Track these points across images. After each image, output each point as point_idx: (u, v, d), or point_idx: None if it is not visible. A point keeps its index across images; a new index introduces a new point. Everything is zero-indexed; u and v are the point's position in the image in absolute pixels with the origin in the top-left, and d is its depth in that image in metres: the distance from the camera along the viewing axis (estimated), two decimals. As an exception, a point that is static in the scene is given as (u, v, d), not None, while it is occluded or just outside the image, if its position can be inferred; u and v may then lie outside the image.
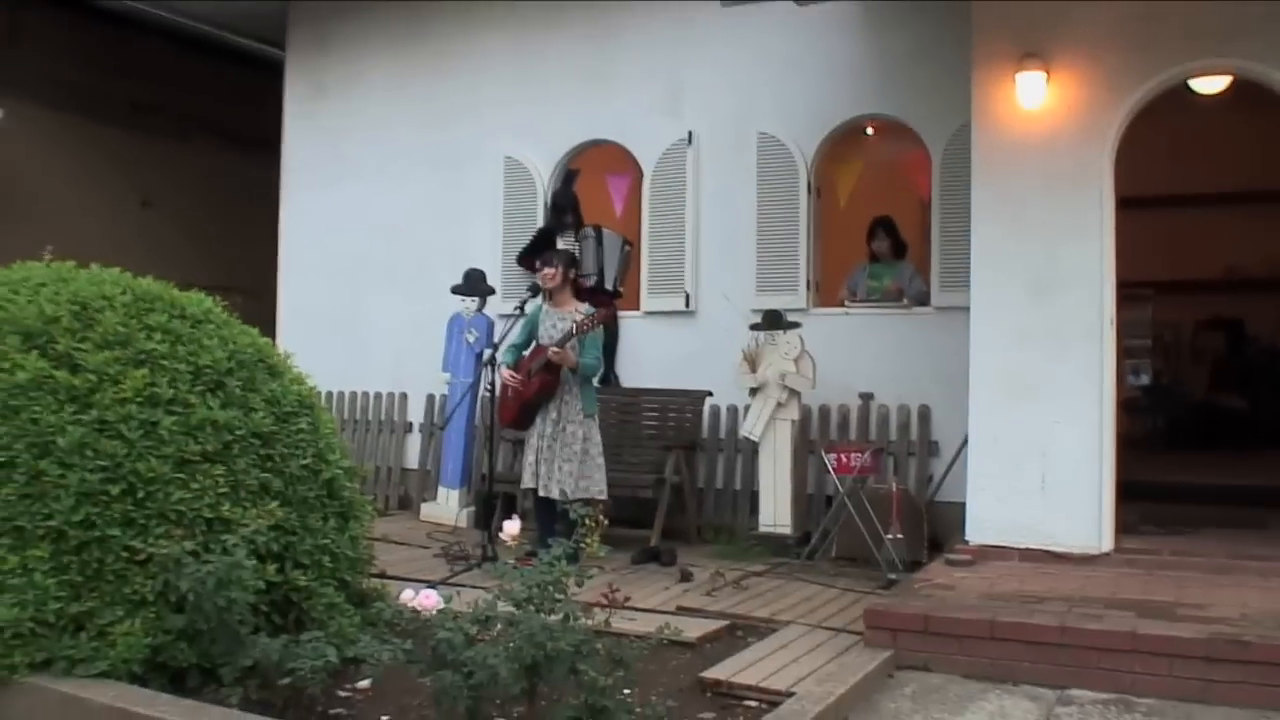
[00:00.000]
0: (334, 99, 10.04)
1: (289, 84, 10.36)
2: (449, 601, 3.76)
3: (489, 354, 7.18)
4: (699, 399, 7.89)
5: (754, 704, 4.18)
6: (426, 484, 9.06)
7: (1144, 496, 7.13)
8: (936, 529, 6.95)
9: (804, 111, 8.02)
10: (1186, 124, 8.83)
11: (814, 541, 6.95)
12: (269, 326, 9.07)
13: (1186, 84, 6.39)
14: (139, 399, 4.32)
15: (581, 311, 6.88)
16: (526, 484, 6.88)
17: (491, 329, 8.33)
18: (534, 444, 6.83)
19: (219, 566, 3.90)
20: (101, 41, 10.95)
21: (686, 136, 8.39)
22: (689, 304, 8.33)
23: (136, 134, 11.52)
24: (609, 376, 8.32)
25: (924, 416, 7.49)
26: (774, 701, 4.08)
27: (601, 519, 3.96)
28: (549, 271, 6.96)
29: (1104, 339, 5.83)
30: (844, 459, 6.77)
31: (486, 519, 7.27)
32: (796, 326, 7.29)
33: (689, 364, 8.08)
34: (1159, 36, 5.77)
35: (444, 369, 8.65)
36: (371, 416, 9.59)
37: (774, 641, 5.00)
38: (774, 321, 7.31)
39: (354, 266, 9.71)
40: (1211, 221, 10.66)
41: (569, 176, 9.00)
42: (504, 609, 3.61)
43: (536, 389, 6.81)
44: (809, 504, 7.49)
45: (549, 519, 6.63)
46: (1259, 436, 9.75)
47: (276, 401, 4.80)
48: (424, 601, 3.65)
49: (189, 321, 4.80)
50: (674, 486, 7.49)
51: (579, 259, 8.06)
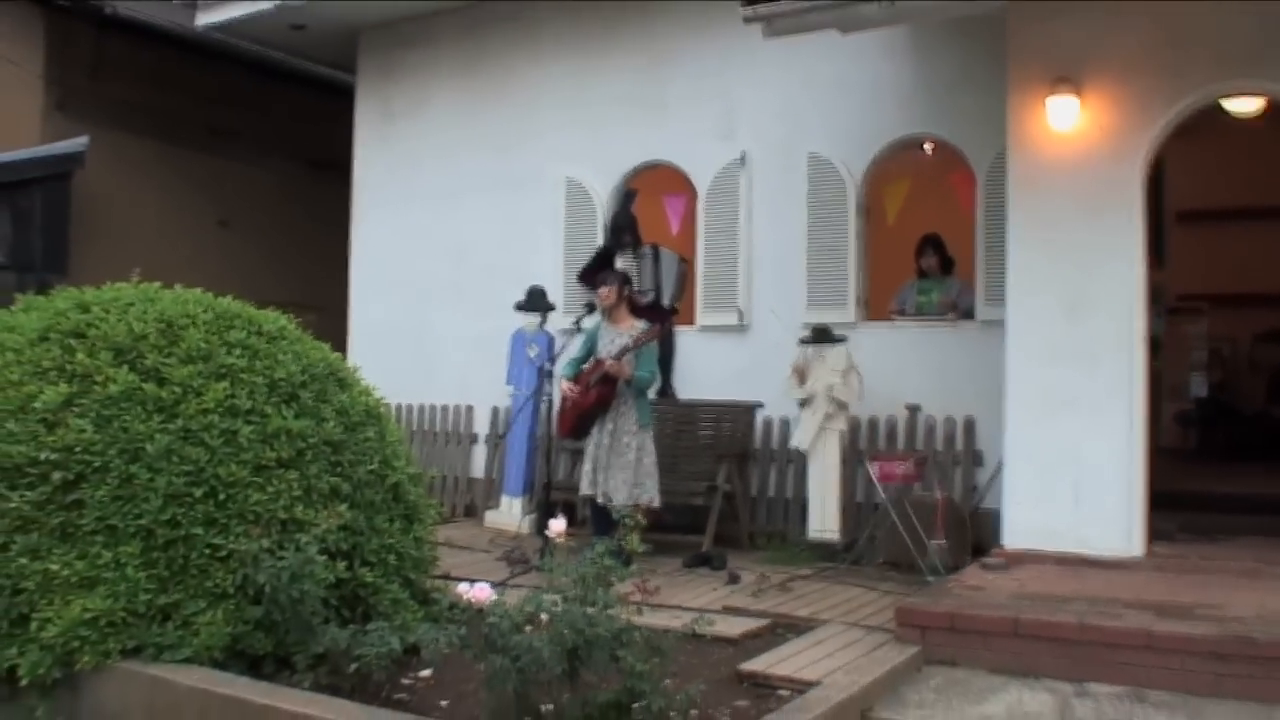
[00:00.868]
0: (402, 123, 10.51)
1: (359, 109, 10.86)
2: (502, 595, 4.10)
3: (550, 368, 7.54)
4: (751, 410, 8.18)
5: (786, 693, 4.47)
6: (491, 492, 9.44)
7: (1190, 506, 7.30)
8: (980, 536, 7.14)
9: (852, 132, 8.27)
10: (1242, 138, 8.93)
11: (859, 547, 7.19)
12: (340, 342, 9.52)
13: (1220, 105, 6.56)
14: (220, 409, 4.73)
15: (638, 328, 7.23)
16: (584, 491, 7.22)
17: (552, 344, 8.69)
18: (591, 453, 7.18)
19: (293, 562, 4.29)
20: (180, 68, 11.53)
21: (739, 158, 8.70)
22: (742, 319, 8.62)
23: (214, 157, 12.10)
24: (666, 389, 8.63)
25: (969, 427, 7.69)
26: (804, 690, 4.36)
27: (641, 519, 4.28)
28: (605, 291, 7.31)
29: (1134, 354, 6.04)
30: (887, 468, 7.02)
31: (546, 526, 7.60)
32: (844, 341, 7.54)
33: (742, 377, 8.36)
34: (1187, 60, 5.97)
35: (508, 383, 9.03)
36: (439, 428, 10.00)
37: (811, 638, 5.27)
38: (822, 336, 7.58)
39: (422, 284, 10.14)
40: (1270, 234, 10.68)
41: (627, 197, 9.34)
42: (549, 600, 3.93)
43: (594, 401, 7.15)
44: (857, 512, 7.72)
45: (605, 525, 6.95)
46: (1313, 447, 9.79)
47: (346, 412, 5.19)
48: (478, 594, 3.99)
49: (265, 338, 5.21)
50: (726, 494, 7.78)
51: (636, 277, 8.41)
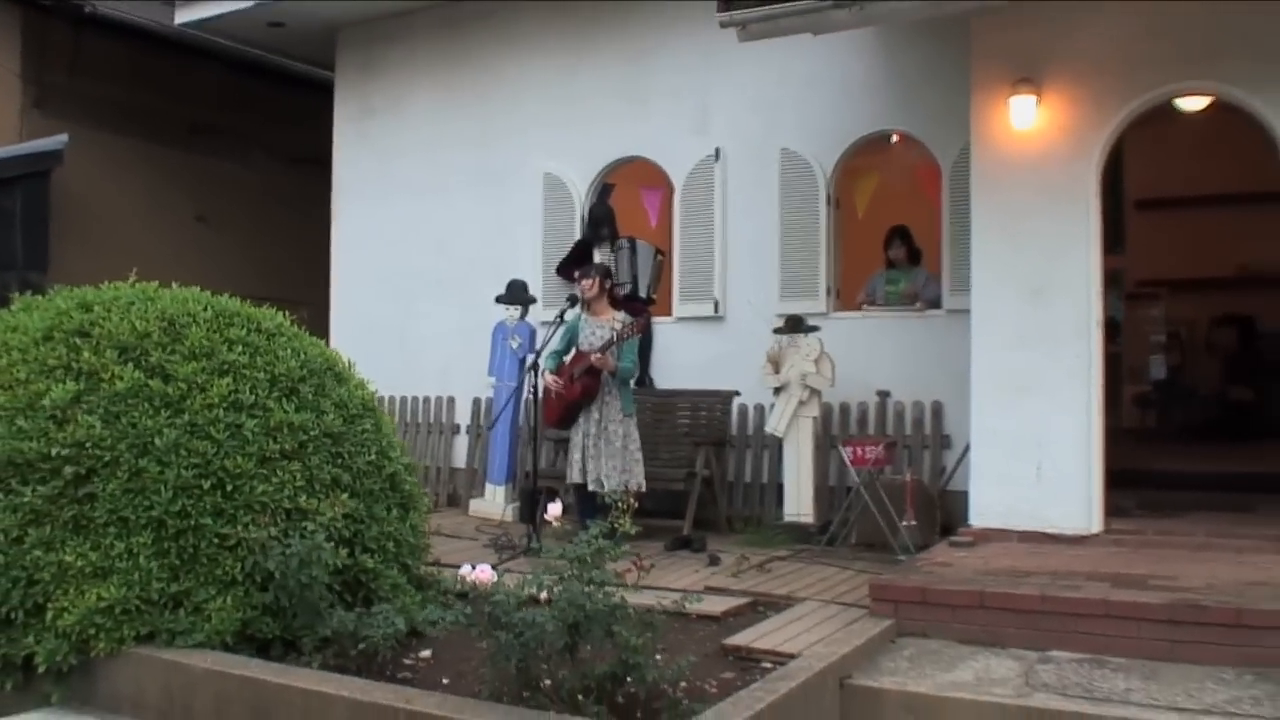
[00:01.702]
0: (382, 119, 10.68)
1: (339, 105, 11.01)
2: (502, 577, 4.34)
3: (532, 360, 7.77)
4: (727, 398, 8.43)
5: (769, 665, 4.72)
6: (474, 481, 9.66)
7: (1148, 484, 7.63)
8: (949, 516, 7.43)
9: (823, 128, 8.52)
10: (1202, 127, 9.24)
11: (833, 529, 7.46)
12: (322, 336, 9.69)
13: (1172, 103, 6.87)
14: (224, 404, 4.94)
15: (619, 319, 7.47)
16: (574, 479, 7.45)
17: (533, 336, 8.91)
18: (579, 442, 7.41)
19: (302, 548, 4.51)
20: (159, 66, 11.65)
21: (714, 153, 8.95)
22: (718, 310, 8.87)
23: (194, 154, 12.23)
24: (644, 379, 8.88)
25: (937, 412, 7.97)
26: (785, 662, 4.62)
27: (632, 502, 4.53)
28: (587, 284, 7.54)
29: (1092, 339, 6.34)
30: (859, 452, 7.29)
31: (530, 512, 7.86)
32: (816, 330, 7.80)
33: (718, 366, 8.61)
34: (1140, 62, 6.27)
35: (489, 374, 9.25)
36: (421, 419, 10.21)
37: (790, 615, 5.54)
38: (795, 325, 7.83)
39: (403, 278, 10.33)
40: (1226, 221, 11.05)
41: (605, 191, 9.57)
42: (549, 580, 4.18)
43: (580, 392, 7.38)
44: (830, 495, 8.00)
45: (590, 510, 7.20)
46: (1267, 427, 10.16)
47: (344, 405, 5.41)
48: (480, 576, 4.23)
49: (264, 335, 5.43)
50: (704, 480, 8.03)
51: (614, 269, 8.65)
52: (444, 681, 4.57)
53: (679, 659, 4.22)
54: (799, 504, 7.76)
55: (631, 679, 4.11)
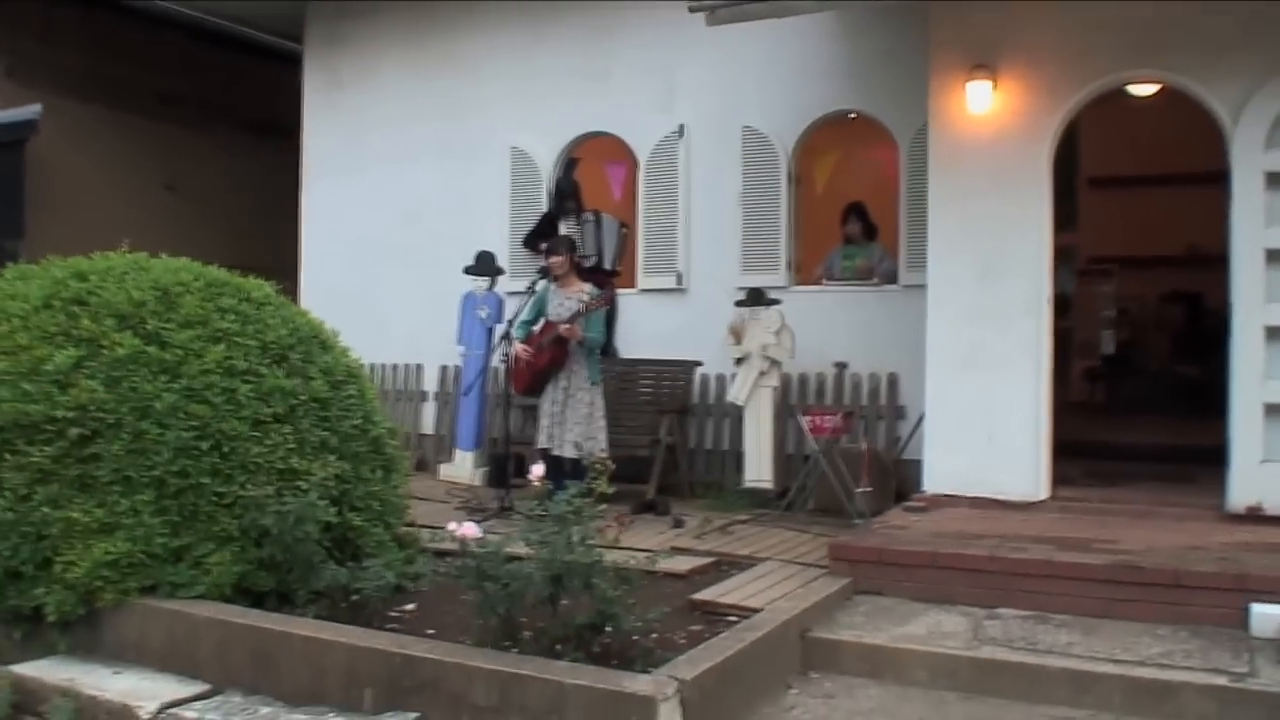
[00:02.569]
0: (350, 92, 10.82)
1: (307, 77, 11.13)
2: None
3: (504, 329, 8.02)
4: (690, 368, 8.73)
5: (734, 619, 5.03)
6: (441, 447, 9.91)
7: (1096, 455, 8.03)
8: (902, 484, 7.79)
9: (784, 107, 8.81)
10: (1155, 109, 9.59)
11: (792, 494, 7.80)
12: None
13: (1124, 89, 7.21)
14: (219, 370, 5.15)
15: (586, 291, 7.73)
16: (541, 444, 7.70)
17: (501, 306, 9.14)
18: (547, 409, 7.68)
19: (297, 506, 4.76)
20: (129, 37, 11.77)
21: (678, 130, 9.21)
22: (680, 282, 9.16)
23: (162, 123, 12.34)
24: (609, 348, 9.14)
25: (892, 383, 8.32)
26: (749, 615, 4.95)
27: (609, 464, 4.83)
28: (557, 259, 7.78)
29: (1041, 315, 6.71)
30: (818, 421, 7.60)
31: (500, 476, 8.13)
32: (777, 303, 8.11)
33: (681, 336, 8.89)
34: (1090, 50, 6.60)
35: (458, 343, 9.48)
36: (390, 386, 10.42)
37: (753, 573, 5.86)
38: (756, 298, 8.14)
39: (372, 249, 10.52)
40: (1176, 200, 11.37)
41: (570, 165, 9.80)
42: (534, 536, 4.47)
43: (548, 360, 7.64)
44: (789, 462, 8.32)
45: (559, 474, 7.46)
46: (1212, 402, 10.57)
47: (330, 371, 5.65)
48: (466, 531, 4.51)
49: (254, 304, 5.63)
50: (668, 446, 8.33)
51: (580, 242, 8.89)
52: (429, 632, 4.83)
53: (651, 610, 4.52)
54: (759, 470, 8.08)
55: (609, 628, 4.41)
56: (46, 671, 4.49)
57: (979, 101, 6.77)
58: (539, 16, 9.80)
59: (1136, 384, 11.52)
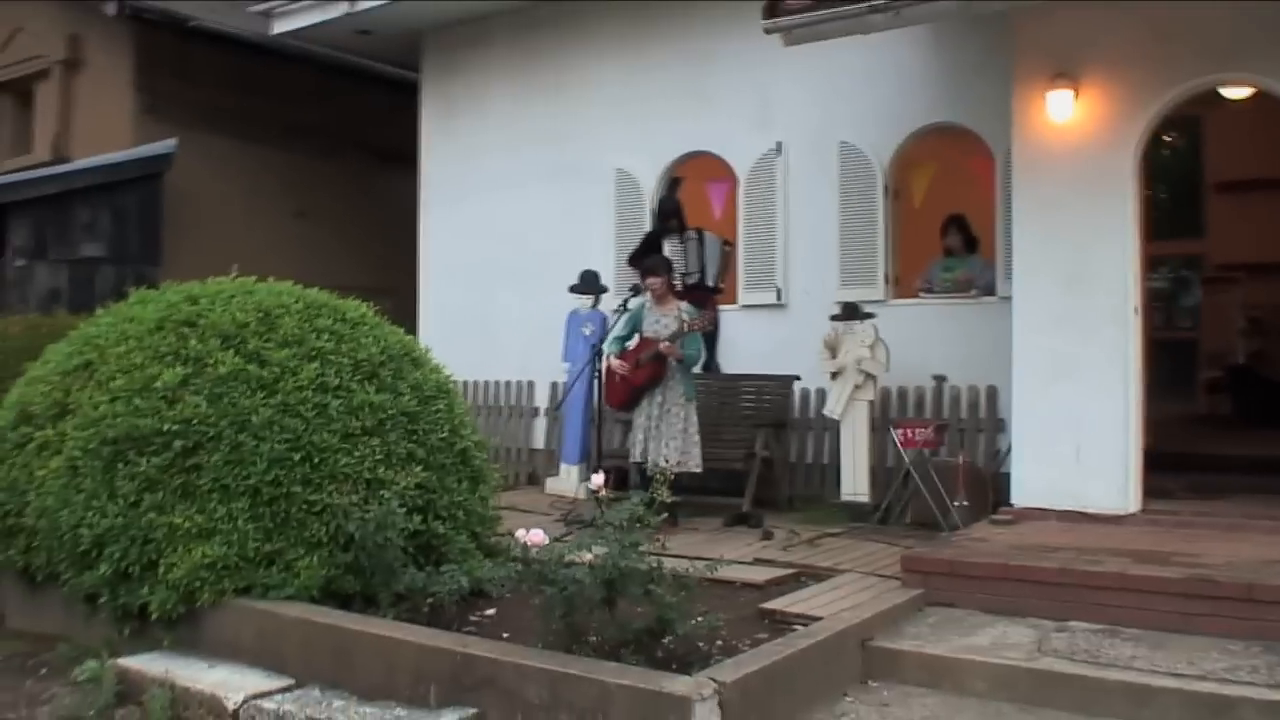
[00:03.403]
0: (464, 119, 11.27)
1: (424, 105, 11.64)
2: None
3: (595, 346, 8.26)
4: (788, 382, 8.80)
5: (799, 627, 5.13)
6: (551, 462, 10.19)
7: (1204, 468, 7.80)
8: (1002, 497, 7.72)
9: (879, 120, 8.86)
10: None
11: (882, 508, 7.82)
12: (410, 324, 10.33)
13: (1217, 91, 7.07)
14: (312, 386, 5.49)
15: (682, 308, 7.89)
16: (635, 459, 7.92)
17: (605, 323, 9.35)
18: (641, 424, 7.87)
19: (378, 513, 5.05)
20: (257, 71, 12.47)
21: (775, 147, 9.34)
22: (780, 298, 9.28)
23: (290, 153, 13.00)
24: (711, 364, 9.30)
25: (991, 396, 8.26)
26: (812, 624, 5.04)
27: (670, 475, 5.00)
28: (654, 280, 7.94)
29: (1129, 325, 6.61)
30: (909, 433, 7.63)
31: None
32: (872, 317, 8.14)
33: (781, 351, 8.96)
34: (1172, 55, 6.51)
35: (564, 360, 9.75)
36: (503, 402, 10.78)
37: (829, 585, 5.93)
38: (851, 312, 8.19)
39: (485, 269, 10.92)
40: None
41: (673, 184, 10.01)
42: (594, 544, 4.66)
43: (646, 376, 7.83)
44: (888, 475, 8.34)
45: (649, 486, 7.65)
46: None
47: (419, 387, 5.94)
48: (533, 538, 4.72)
49: (349, 324, 5.98)
50: (765, 460, 8.41)
51: (682, 259, 9.09)
52: (504, 635, 5.05)
53: (709, 616, 4.66)
54: (855, 484, 8.11)
55: (668, 634, 4.56)
56: (148, 664, 4.87)
57: (1060, 110, 6.73)
58: (641, 41, 10.06)
59: (1263, 395, 11.13)
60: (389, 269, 12.02)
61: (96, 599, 5.26)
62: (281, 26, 11.34)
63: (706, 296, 9.16)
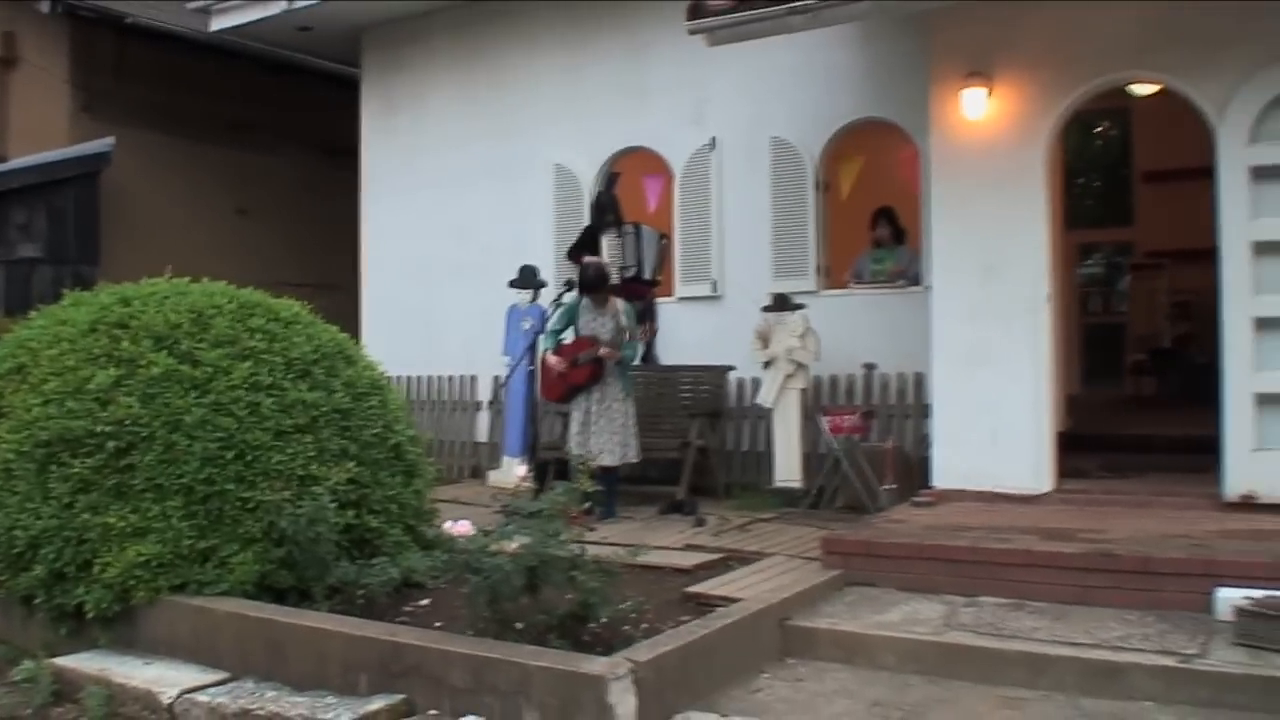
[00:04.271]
0: (405, 115, 11.37)
1: (365, 102, 11.71)
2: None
3: (531, 340, 8.44)
4: (723, 372, 9.02)
5: (722, 608, 5.32)
6: (494, 455, 10.33)
7: (1121, 448, 8.09)
8: (928, 481, 7.99)
9: (810, 116, 9.08)
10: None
11: (813, 493, 8.03)
12: (353, 319, 10.44)
13: (1125, 89, 7.34)
14: (245, 385, 5.58)
15: (618, 306, 8.06)
16: (575, 451, 8.08)
17: (543, 317, 9.47)
18: (579, 417, 8.04)
19: (310, 508, 5.18)
20: (197, 68, 12.46)
21: (710, 142, 9.53)
22: (715, 290, 9.47)
23: (232, 149, 13.05)
24: (649, 355, 9.49)
25: (919, 383, 8.47)
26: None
27: (592, 467, 5.18)
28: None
29: (1040, 314, 6.87)
30: (836, 420, 7.85)
31: (542, 482, 8.51)
32: (802, 307, 8.36)
33: (717, 342, 9.20)
34: (1081, 55, 6.76)
35: (504, 353, 9.88)
36: (446, 396, 10.92)
37: (755, 568, 6.13)
38: (782, 303, 8.40)
39: (427, 265, 11.04)
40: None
41: (610, 179, 10.18)
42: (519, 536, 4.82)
43: (586, 375, 8.00)
44: (818, 461, 8.55)
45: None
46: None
47: (353, 384, 6.06)
48: (459, 529, 4.88)
49: (282, 323, 6.07)
50: (701, 449, 8.62)
51: (619, 253, 9.29)
52: (436, 625, 5.20)
53: (634, 600, 4.85)
54: (788, 471, 8.32)
55: (591, 618, 4.74)
56: (84, 663, 4.98)
57: (974, 108, 6.96)
58: (578, 38, 10.22)
59: (1185, 377, 11.47)
60: (333, 265, 12.09)
61: (32, 600, 5.33)
62: (220, 23, 11.36)
63: (644, 289, 9.36)
